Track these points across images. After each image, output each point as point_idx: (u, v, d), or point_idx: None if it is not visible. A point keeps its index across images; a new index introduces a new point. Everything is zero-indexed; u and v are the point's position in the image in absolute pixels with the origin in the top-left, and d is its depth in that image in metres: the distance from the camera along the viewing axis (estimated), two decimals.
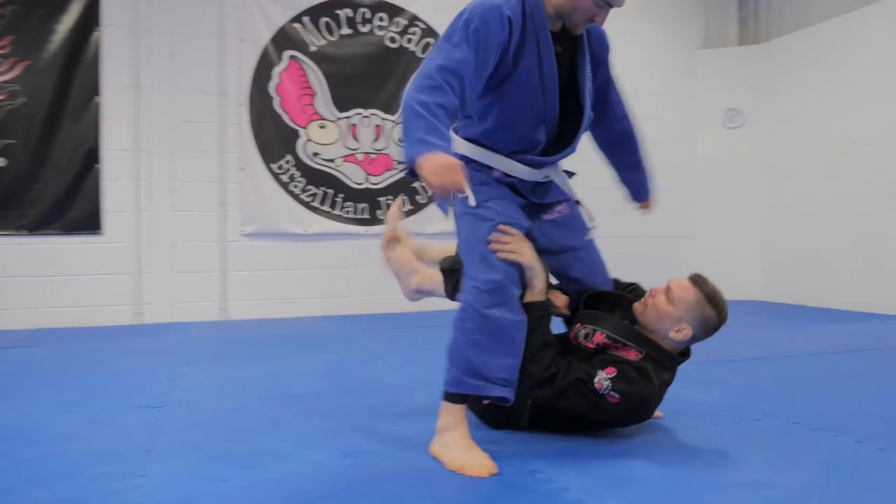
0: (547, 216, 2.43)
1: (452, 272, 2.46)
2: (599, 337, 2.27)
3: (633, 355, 2.24)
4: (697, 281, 2.32)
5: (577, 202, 2.52)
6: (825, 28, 6.43)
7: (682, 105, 7.32)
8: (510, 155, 2.28)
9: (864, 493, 1.84)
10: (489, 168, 2.29)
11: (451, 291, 2.48)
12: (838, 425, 2.50)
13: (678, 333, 2.26)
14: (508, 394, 2.12)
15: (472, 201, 2.07)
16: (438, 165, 1.82)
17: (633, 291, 2.56)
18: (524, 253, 2.19)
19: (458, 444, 2.10)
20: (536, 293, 2.23)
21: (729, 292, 7.66)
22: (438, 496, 1.86)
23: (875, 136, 5.96)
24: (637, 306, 2.35)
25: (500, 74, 2.15)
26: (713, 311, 2.30)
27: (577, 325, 2.35)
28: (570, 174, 2.53)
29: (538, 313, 2.20)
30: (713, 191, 7.31)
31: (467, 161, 2.26)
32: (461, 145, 2.32)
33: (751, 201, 7.21)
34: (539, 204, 2.41)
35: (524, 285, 2.23)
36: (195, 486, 1.94)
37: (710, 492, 1.86)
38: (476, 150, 2.29)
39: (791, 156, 6.81)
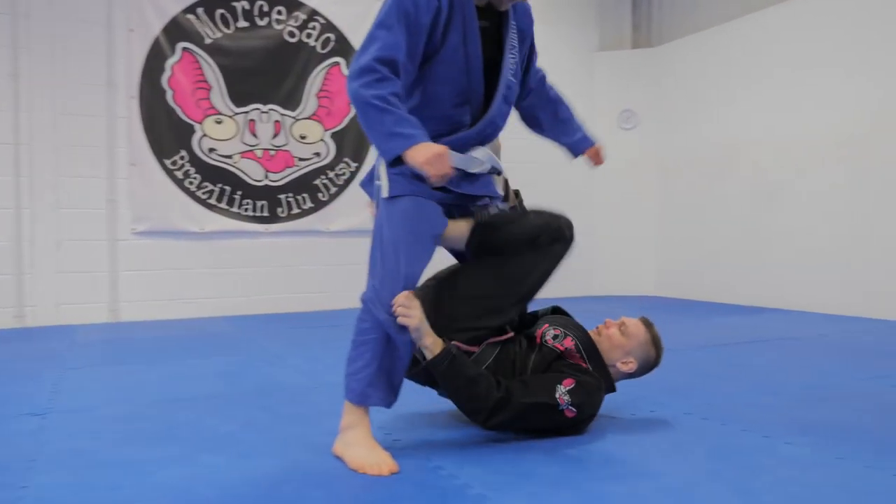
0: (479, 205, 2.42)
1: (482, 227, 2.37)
2: (569, 342, 2.38)
3: (584, 367, 2.36)
4: (648, 324, 2.51)
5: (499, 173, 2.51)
6: (713, 33, 6.71)
7: (579, 106, 7.36)
8: (435, 139, 2.22)
9: (751, 478, 1.92)
10: None
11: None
12: (725, 415, 2.60)
13: (625, 365, 2.44)
14: (380, 402, 2.16)
15: (385, 191, 2.13)
16: (430, 156, 1.92)
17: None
18: (413, 316, 2.10)
19: (359, 443, 2.08)
20: (431, 348, 2.14)
21: (624, 288, 7.91)
22: (340, 496, 1.83)
23: (757, 137, 6.26)
24: (591, 334, 2.47)
25: (429, 51, 2.13)
26: (655, 354, 2.50)
27: (546, 326, 2.44)
28: (497, 172, 2.50)
29: (444, 363, 2.13)
30: (610, 190, 7.52)
31: None
32: None
33: (644, 200, 7.45)
34: (470, 196, 2.37)
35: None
36: (83, 495, 1.85)
37: (608, 482, 1.91)
38: None
39: (682, 156, 7.08)
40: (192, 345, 4.42)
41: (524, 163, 7.07)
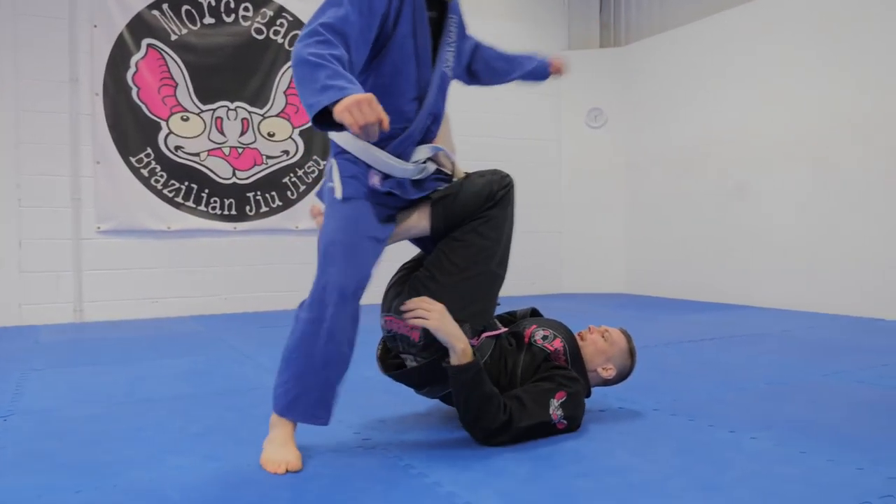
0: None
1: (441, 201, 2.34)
2: (558, 343, 2.42)
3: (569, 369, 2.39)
4: (628, 335, 2.57)
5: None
6: (681, 33, 6.78)
7: (548, 104, 7.53)
8: (383, 144, 2.20)
9: (718, 473, 1.95)
10: (367, 167, 2.19)
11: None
12: (693, 410, 2.63)
13: (605, 371, 2.49)
14: (306, 418, 2.13)
15: (338, 192, 2.12)
16: (352, 102, 1.73)
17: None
18: (433, 318, 2.11)
19: (274, 440, 2.09)
20: (461, 355, 2.14)
21: (594, 286, 7.93)
22: (307, 497, 1.82)
23: (724, 136, 6.33)
24: (578, 344, 2.50)
25: (381, 41, 2.11)
26: (631, 364, 2.55)
27: (534, 327, 2.47)
28: (447, 176, 2.48)
29: (471, 372, 2.13)
30: (579, 188, 7.57)
31: (341, 151, 2.21)
32: (336, 133, 2.22)
33: (613, 198, 7.51)
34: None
35: (442, 348, 2.19)
36: (47, 498, 1.82)
37: (577, 478, 1.92)
38: (350, 140, 2.19)
39: (650, 155, 7.14)
40: (159, 345, 4.37)
41: (494, 162, 7.08)
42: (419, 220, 2.32)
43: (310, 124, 2.57)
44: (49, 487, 1.90)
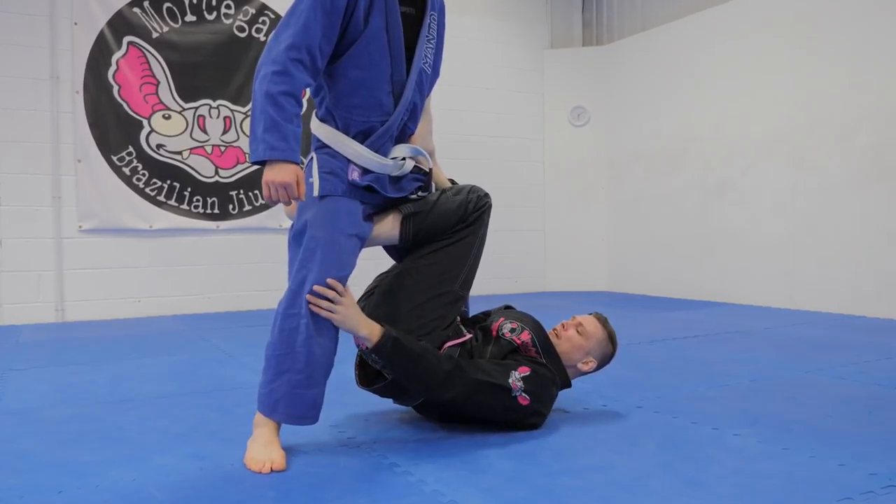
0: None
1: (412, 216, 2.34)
2: (526, 336, 2.39)
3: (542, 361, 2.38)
4: (603, 321, 2.53)
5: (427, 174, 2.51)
6: (663, 31, 6.81)
7: (532, 102, 7.55)
8: (360, 136, 2.22)
9: (701, 470, 1.96)
10: (347, 161, 2.22)
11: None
12: (676, 408, 2.65)
13: (585, 365, 2.46)
14: (292, 419, 2.11)
15: (315, 189, 2.14)
16: (276, 184, 1.96)
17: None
18: (339, 312, 2.08)
19: (259, 439, 2.08)
20: (370, 336, 2.11)
21: (576, 284, 7.96)
22: (293, 495, 1.82)
23: (705, 134, 6.38)
24: (549, 335, 2.47)
25: (352, 34, 2.14)
26: (612, 350, 2.53)
27: (502, 319, 2.45)
28: (425, 172, 2.49)
29: (388, 345, 2.11)
30: (561, 186, 7.59)
31: (321, 146, 2.24)
32: (315, 126, 2.29)
33: (596, 196, 7.54)
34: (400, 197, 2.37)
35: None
36: (28, 498, 1.80)
37: (561, 476, 1.92)
38: (330, 134, 2.23)
39: (631, 152, 7.17)
40: (141, 344, 4.34)
41: (478, 160, 7.11)
42: (391, 230, 2.32)
43: (317, 121, 2.54)
44: (31, 487, 1.88)
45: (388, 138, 2.26)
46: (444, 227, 2.31)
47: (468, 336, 2.38)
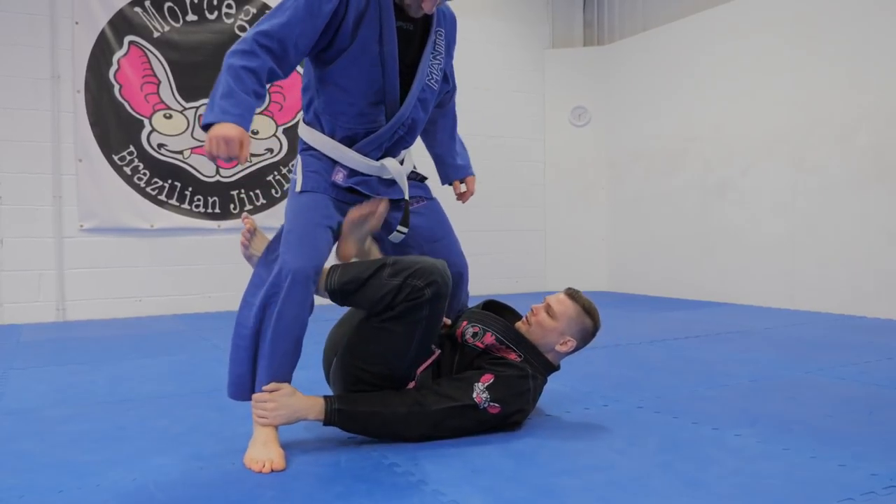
0: (413, 208, 2.44)
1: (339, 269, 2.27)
2: (489, 338, 2.32)
3: (513, 357, 2.32)
4: (573, 295, 2.43)
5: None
6: (664, 31, 6.81)
7: (532, 102, 7.55)
8: (347, 140, 2.27)
9: (701, 470, 1.96)
10: (333, 163, 2.27)
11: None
12: (676, 408, 2.64)
13: (563, 346, 2.37)
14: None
15: (298, 186, 2.23)
16: (218, 137, 1.92)
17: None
18: (267, 416, 2.09)
19: (258, 439, 2.09)
20: (317, 417, 2.13)
21: (577, 284, 7.99)
22: (292, 496, 1.82)
23: (705, 134, 6.37)
24: (520, 325, 2.42)
25: (340, 44, 2.17)
26: (591, 321, 2.41)
27: (465, 323, 2.38)
28: (422, 178, 2.53)
29: (334, 419, 2.13)
30: (562, 186, 7.59)
31: (307, 148, 2.31)
32: (302, 129, 2.35)
33: (596, 196, 7.53)
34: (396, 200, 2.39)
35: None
36: (29, 498, 1.80)
37: (560, 476, 1.92)
38: (316, 137, 2.30)
39: (632, 152, 7.17)
40: (142, 344, 4.34)
41: (476, 160, 7.10)
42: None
43: (294, 122, 2.63)
44: (31, 487, 1.88)
45: (376, 147, 2.29)
46: (369, 307, 2.17)
47: (437, 353, 2.33)
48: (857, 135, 5.20)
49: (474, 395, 2.19)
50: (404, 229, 2.36)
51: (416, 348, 2.18)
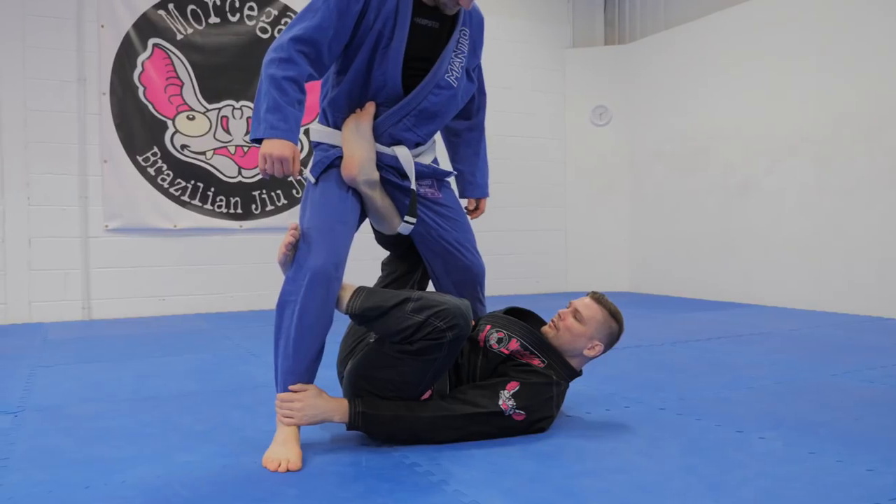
0: (422, 192, 2.42)
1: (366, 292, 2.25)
2: (514, 344, 2.31)
3: (537, 363, 2.31)
4: (599, 299, 2.41)
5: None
6: (685, 30, 6.77)
7: (553, 102, 7.53)
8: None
9: (724, 473, 1.94)
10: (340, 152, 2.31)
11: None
12: (700, 410, 2.63)
13: (591, 350, 2.36)
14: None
15: (313, 180, 2.29)
16: (273, 158, 2.01)
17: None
18: (293, 416, 2.12)
19: (278, 438, 2.11)
20: (341, 419, 2.16)
21: (598, 284, 7.91)
22: (314, 494, 1.83)
23: (728, 133, 6.32)
24: (547, 330, 2.41)
25: (359, 40, 2.21)
26: (617, 325, 2.40)
27: (488, 328, 2.37)
28: (447, 174, 2.51)
29: (358, 422, 2.15)
30: (583, 186, 7.56)
31: (317, 143, 2.36)
32: (313, 127, 2.40)
33: (618, 196, 7.50)
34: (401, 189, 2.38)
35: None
36: (56, 493, 1.82)
37: (582, 478, 1.92)
38: (326, 132, 2.34)
39: (654, 152, 7.13)
40: (166, 342, 4.38)
41: (497, 160, 7.10)
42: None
43: (315, 123, 2.62)
44: (58, 483, 1.91)
45: (381, 133, 2.30)
46: (390, 336, 2.12)
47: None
48: (883, 133, 5.13)
49: (500, 402, 2.19)
50: (412, 219, 2.35)
51: (426, 383, 2.17)
